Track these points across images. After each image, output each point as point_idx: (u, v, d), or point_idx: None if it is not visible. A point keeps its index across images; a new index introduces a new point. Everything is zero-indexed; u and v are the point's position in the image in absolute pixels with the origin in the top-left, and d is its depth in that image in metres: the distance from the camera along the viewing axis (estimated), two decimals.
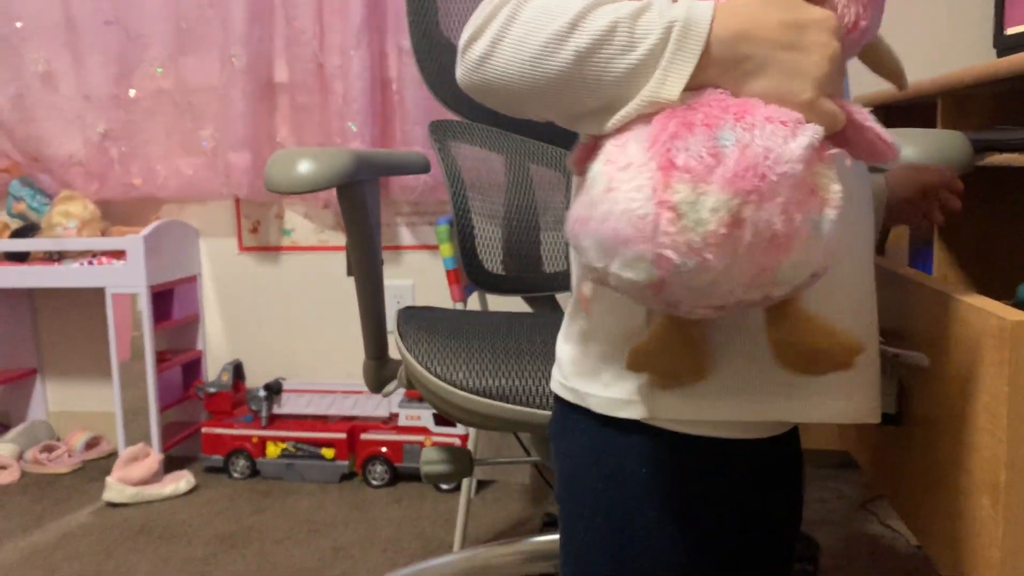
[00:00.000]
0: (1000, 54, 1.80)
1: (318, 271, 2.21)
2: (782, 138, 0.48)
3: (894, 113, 1.87)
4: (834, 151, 0.51)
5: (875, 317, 0.67)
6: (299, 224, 2.21)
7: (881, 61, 0.66)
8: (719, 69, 0.53)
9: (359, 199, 1.10)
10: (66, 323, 2.32)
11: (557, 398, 0.73)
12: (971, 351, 0.57)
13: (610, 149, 0.52)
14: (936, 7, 1.95)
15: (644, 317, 0.61)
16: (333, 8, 2.03)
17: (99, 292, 2.04)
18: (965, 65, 1.92)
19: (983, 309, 0.56)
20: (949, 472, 0.61)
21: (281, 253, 2.23)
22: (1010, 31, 1.75)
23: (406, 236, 2.17)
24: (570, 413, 0.70)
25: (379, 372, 1.20)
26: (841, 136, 0.53)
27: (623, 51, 0.53)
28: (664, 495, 0.66)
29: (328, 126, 2.07)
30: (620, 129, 0.54)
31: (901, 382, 0.66)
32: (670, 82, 0.52)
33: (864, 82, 1.87)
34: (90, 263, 2.04)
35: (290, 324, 2.24)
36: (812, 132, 0.49)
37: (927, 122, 1.49)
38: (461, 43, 0.60)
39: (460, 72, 0.60)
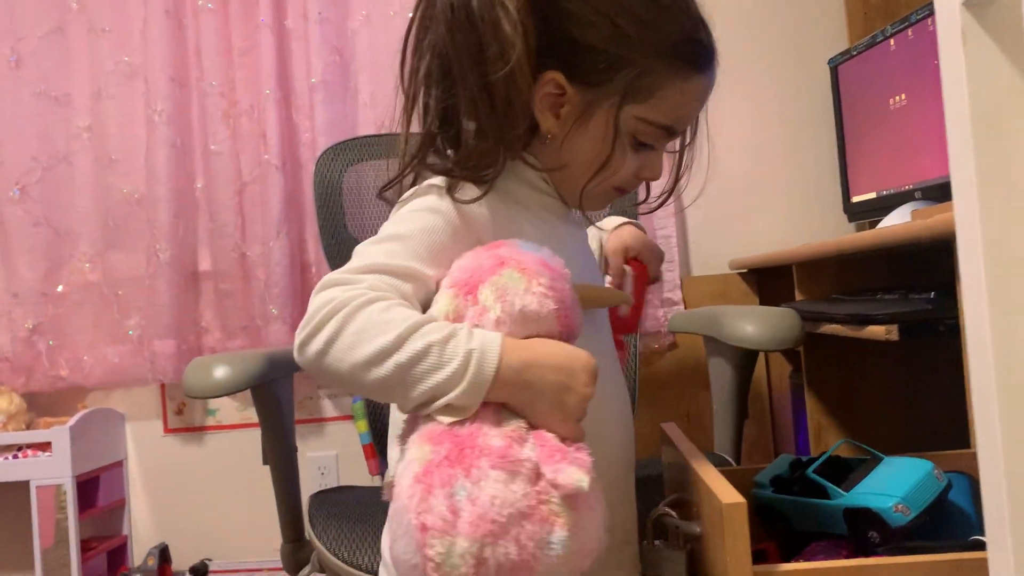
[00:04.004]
0: (851, 219, 2.06)
1: (243, 448, 2.26)
2: (503, 484, 0.62)
3: (765, 275, 2.08)
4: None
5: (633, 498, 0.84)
6: (223, 403, 2.28)
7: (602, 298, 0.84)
8: (509, 390, 0.67)
9: (273, 397, 1.21)
10: None
11: None
12: (713, 525, 0.71)
13: (394, 502, 0.67)
14: (791, 182, 2.20)
15: None
16: (254, 202, 2.18)
17: (24, 484, 2.05)
18: (823, 229, 2.19)
19: (712, 491, 0.69)
20: None
21: (206, 433, 2.29)
22: (855, 199, 2.01)
23: (328, 408, 2.26)
24: None
25: (296, 555, 1.27)
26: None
27: (434, 369, 0.66)
28: None
29: (251, 310, 2.18)
30: (410, 464, 0.67)
31: (692, 552, 0.79)
32: (470, 399, 0.66)
33: (736, 250, 2.10)
34: (15, 457, 2.07)
35: (216, 502, 2.27)
36: (529, 471, 0.63)
37: (790, 283, 1.69)
38: (297, 341, 0.71)
39: (299, 362, 0.71)
